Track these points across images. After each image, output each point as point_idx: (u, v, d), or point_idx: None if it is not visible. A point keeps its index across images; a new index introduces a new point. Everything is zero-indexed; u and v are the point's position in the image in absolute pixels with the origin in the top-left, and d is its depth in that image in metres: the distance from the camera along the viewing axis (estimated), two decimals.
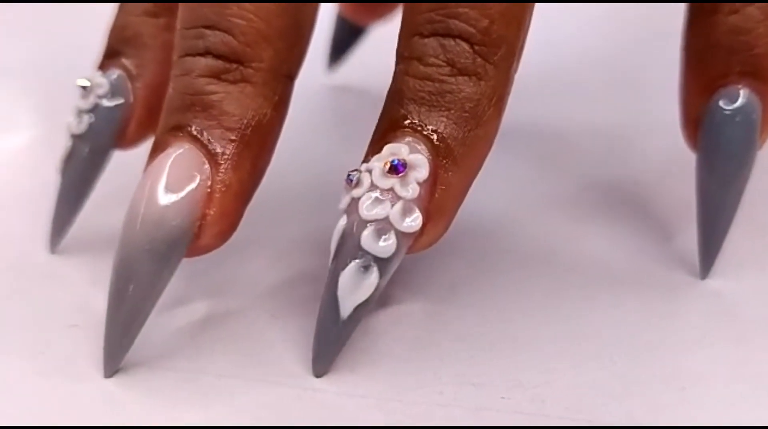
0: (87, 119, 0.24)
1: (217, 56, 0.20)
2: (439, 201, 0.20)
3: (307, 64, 0.22)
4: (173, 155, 0.20)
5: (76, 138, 0.24)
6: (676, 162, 0.27)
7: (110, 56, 0.25)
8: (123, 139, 0.25)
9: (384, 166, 0.19)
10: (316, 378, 0.20)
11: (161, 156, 0.20)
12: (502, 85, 0.20)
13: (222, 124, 0.20)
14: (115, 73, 0.24)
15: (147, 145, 0.22)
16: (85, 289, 0.24)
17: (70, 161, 0.25)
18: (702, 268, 0.24)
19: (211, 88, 0.20)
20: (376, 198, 0.19)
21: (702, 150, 0.23)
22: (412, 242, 0.20)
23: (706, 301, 0.23)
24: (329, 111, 0.37)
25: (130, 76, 0.25)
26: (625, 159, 0.31)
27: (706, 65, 0.23)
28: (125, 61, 0.25)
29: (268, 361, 0.21)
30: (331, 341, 0.20)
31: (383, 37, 0.29)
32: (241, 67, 0.20)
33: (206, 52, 0.21)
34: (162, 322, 0.22)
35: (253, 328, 0.22)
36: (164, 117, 0.21)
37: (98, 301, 0.23)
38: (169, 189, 0.20)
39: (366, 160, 0.20)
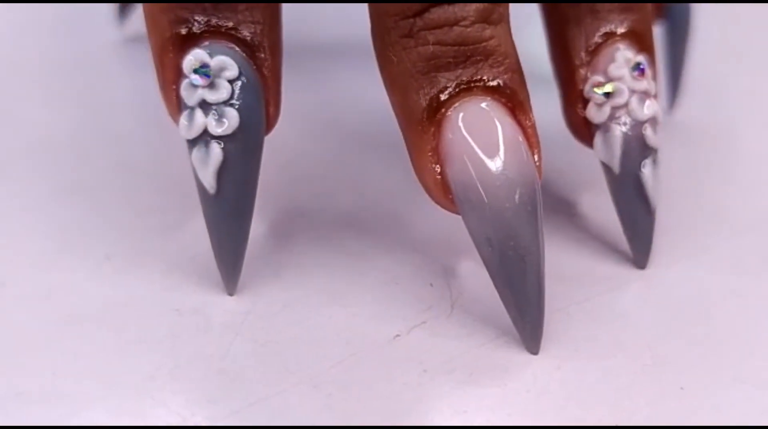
0: (232, 113, 0.19)
1: None
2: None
3: None
4: (466, 113, 0.19)
5: (226, 140, 0.19)
6: None
7: (185, 24, 0.20)
8: (268, 126, 0.21)
9: (632, 71, 0.22)
10: (641, 270, 0.22)
11: (456, 119, 0.19)
12: None
13: (511, 69, 0.19)
14: (218, 45, 0.20)
15: None
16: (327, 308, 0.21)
17: (226, 172, 0.20)
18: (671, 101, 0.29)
19: (488, 32, 0.19)
20: (646, 101, 0.22)
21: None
22: None
23: None
24: None
25: (244, 44, 0.20)
26: None
27: None
28: (224, 27, 0.20)
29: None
30: (649, 231, 0.22)
31: None
32: (497, 6, 0.20)
33: None
34: None
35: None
36: (428, 76, 0.19)
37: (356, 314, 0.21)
38: (501, 145, 0.19)
39: (587, 72, 0.22)
